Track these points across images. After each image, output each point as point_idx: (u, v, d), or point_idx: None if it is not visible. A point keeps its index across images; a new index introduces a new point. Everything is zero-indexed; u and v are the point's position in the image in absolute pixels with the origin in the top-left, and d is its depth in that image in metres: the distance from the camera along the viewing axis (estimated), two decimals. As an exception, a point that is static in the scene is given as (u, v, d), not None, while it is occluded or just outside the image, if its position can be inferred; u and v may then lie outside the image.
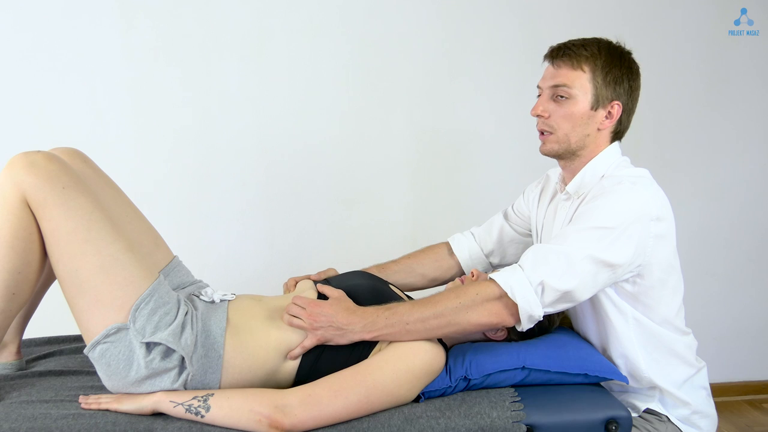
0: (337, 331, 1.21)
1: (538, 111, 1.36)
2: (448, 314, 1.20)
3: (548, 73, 1.36)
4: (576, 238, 1.22)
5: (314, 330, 1.22)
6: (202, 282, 1.44)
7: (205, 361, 1.21)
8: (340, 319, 1.21)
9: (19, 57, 2.13)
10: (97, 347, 1.16)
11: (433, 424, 1.14)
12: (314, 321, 1.21)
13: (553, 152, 1.37)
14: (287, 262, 2.33)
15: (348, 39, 2.27)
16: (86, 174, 1.31)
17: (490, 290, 1.21)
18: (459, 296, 1.21)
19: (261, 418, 1.10)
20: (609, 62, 1.32)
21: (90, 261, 1.15)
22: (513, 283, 1.19)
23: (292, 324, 1.23)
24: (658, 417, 1.35)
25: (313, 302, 1.24)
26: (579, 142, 1.34)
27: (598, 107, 1.32)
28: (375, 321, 1.21)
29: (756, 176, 2.54)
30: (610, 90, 1.32)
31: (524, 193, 1.66)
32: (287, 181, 2.31)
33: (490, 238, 1.67)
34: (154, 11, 2.17)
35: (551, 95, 1.34)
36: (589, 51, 1.31)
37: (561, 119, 1.33)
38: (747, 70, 2.47)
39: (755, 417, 2.50)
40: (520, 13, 2.33)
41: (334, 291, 1.29)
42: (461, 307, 1.20)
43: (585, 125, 1.33)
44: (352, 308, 1.24)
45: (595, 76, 1.31)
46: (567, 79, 1.31)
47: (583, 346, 1.34)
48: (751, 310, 2.63)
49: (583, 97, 1.31)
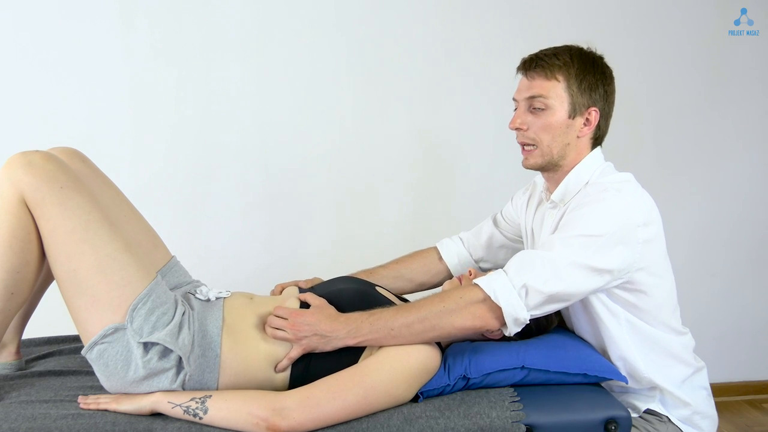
0: (322, 339, 1.21)
1: (516, 124, 1.35)
2: (432, 318, 1.20)
3: (523, 85, 1.35)
4: (562, 245, 1.21)
5: (298, 340, 1.22)
6: (200, 282, 1.44)
7: (203, 361, 1.21)
8: (324, 326, 1.21)
9: (18, 57, 2.13)
10: (95, 348, 1.16)
11: (432, 424, 1.14)
12: (298, 331, 1.21)
13: (537, 166, 1.36)
14: (287, 262, 2.33)
15: (348, 39, 2.28)
16: (84, 174, 1.31)
17: (474, 294, 1.21)
18: (443, 300, 1.22)
19: (258, 421, 1.10)
20: (582, 69, 1.31)
21: (87, 261, 1.15)
22: (496, 286, 1.20)
23: (275, 336, 1.23)
24: (659, 417, 1.35)
25: (295, 312, 1.24)
26: (560, 152, 1.34)
27: (575, 115, 1.32)
28: (359, 327, 1.21)
29: (756, 176, 2.53)
30: (585, 97, 1.31)
31: (512, 200, 1.65)
32: (287, 181, 2.31)
33: (479, 243, 1.67)
34: (153, 11, 2.17)
35: (528, 107, 1.34)
36: (562, 60, 1.31)
37: (540, 131, 1.32)
38: (747, 70, 2.47)
39: (755, 417, 2.49)
40: (521, 13, 2.33)
41: (315, 299, 1.29)
42: (445, 311, 1.20)
43: (564, 134, 1.32)
44: (335, 315, 1.23)
45: (570, 85, 1.30)
46: (542, 89, 1.31)
47: (582, 346, 1.34)
48: (751, 310, 2.63)
49: (560, 106, 1.31)
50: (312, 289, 1.39)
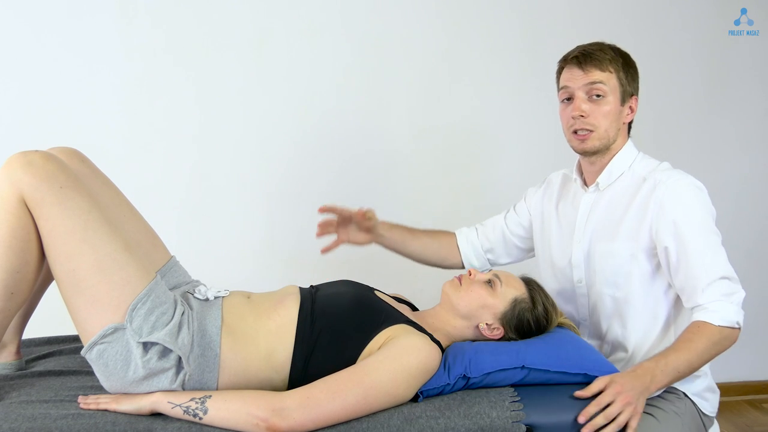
0: (642, 395, 1.21)
1: (581, 110, 1.43)
2: (706, 353, 1.29)
3: (577, 75, 1.43)
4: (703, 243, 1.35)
5: (635, 409, 1.19)
6: (199, 282, 1.44)
7: (202, 361, 1.21)
8: (638, 386, 1.21)
9: (18, 56, 2.13)
10: (95, 348, 1.16)
11: (432, 424, 1.14)
12: (628, 403, 1.18)
13: (594, 149, 1.45)
14: (287, 262, 2.33)
15: (348, 39, 2.28)
16: (84, 174, 1.31)
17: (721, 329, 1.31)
18: (709, 338, 1.29)
19: (258, 421, 1.10)
20: (625, 63, 1.45)
21: (87, 260, 1.15)
22: (729, 316, 1.34)
23: (620, 425, 1.17)
24: (676, 395, 1.40)
25: (608, 393, 1.18)
26: (614, 136, 1.46)
27: (624, 103, 1.45)
28: (654, 376, 1.23)
29: (755, 176, 2.53)
30: (631, 87, 1.46)
31: (525, 198, 1.73)
32: (287, 180, 2.31)
33: (493, 235, 1.74)
34: (153, 11, 2.17)
35: (587, 96, 1.43)
36: (609, 54, 1.43)
37: (601, 117, 1.43)
38: (747, 70, 2.47)
39: (755, 417, 2.49)
40: (521, 13, 2.33)
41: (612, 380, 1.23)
42: (714, 346, 1.30)
43: (617, 120, 1.45)
44: (635, 374, 1.23)
45: (620, 76, 1.43)
46: (601, 77, 1.41)
47: (582, 345, 1.34)
48: (751, 310, 2.62)
49: (614, 94, 1.43)
50: (315, 289, 1.39)
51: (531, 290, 1.39)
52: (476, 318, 1.36)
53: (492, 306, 1.35)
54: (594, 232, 1.47)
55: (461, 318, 1.37)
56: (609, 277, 1.44)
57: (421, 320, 1.37)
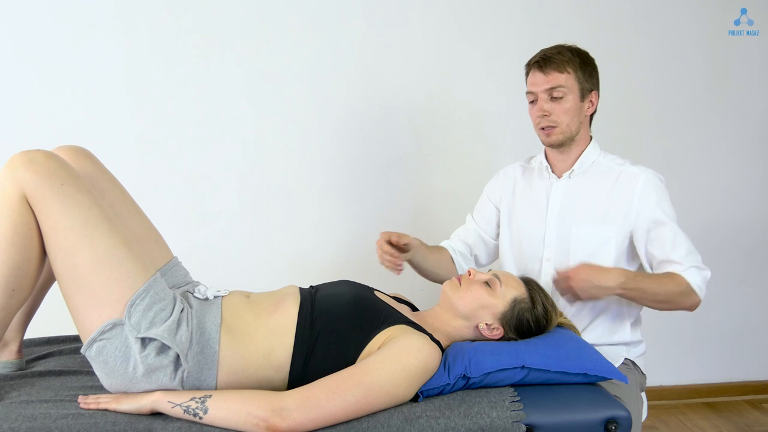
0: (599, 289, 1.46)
1: (543, 111, 1.60)
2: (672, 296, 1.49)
3: (539, 79, 1.60)
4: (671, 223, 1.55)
5: (582, 297, 1.48)
6: (200, 282, 1.44)
7: (201, 358, 1.21)
8: (600, 279, 1.45)
9: (18, 56, 2.13)
10: (94, 345, 1.17)
11: (432, 423, 1.14)
12: (581, 289, 1.45)
13: (559, 141, 1.62)
14: (287, 262, 2.33)
15: (348, 39, 2.28)
16: (90, 172, 1.31)
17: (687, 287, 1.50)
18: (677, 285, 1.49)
19: (258, 421, 1.10)
20: (582, 62, 1.61)
21: (86, 256, 1.15)
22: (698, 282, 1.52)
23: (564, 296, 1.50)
24: (627, 365, 1.60)
25: (569, 272, 1.46)
26: (576, 129, 1.62)
27: (584, 98, 1.61)
28: (626, 282, 1.45)
29: (755, 176, 2.54)
30: (589, 83, 1.61)
31: (489, 196, 1.84)
32: (287, 181, 2.31)
33: (472, 240, 1.85)
34: (153, 11, 2.17)
35: (548, 97, 1.59)
36: (566, 56, 1.59)
37: (562, 114, 1.60)
38: (747, 70, 2.47)
39: (755, 417, 2.50)
40: (522, 14, 2.33)
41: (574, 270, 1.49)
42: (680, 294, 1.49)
43: (578, 115, 1.61)
44: (603, 268, 1.49)
45: (578, 75, 1.59)
46: (559, 81, 1.58)
47: (582, 345, 1.34)
48: (751, 310, 2.63)
49: (573, 93, 1.59)
50: (315, 289, 1.40)
51: (530, 290, 1.39)
52: (476, 318, 1.36)
53: (491, 306, 1.35)
54: (571, 215, 1.62)
55: (461, 318, 1.37)
56: (584, 258, 1.57)
57: (420, 320, 1.38)
